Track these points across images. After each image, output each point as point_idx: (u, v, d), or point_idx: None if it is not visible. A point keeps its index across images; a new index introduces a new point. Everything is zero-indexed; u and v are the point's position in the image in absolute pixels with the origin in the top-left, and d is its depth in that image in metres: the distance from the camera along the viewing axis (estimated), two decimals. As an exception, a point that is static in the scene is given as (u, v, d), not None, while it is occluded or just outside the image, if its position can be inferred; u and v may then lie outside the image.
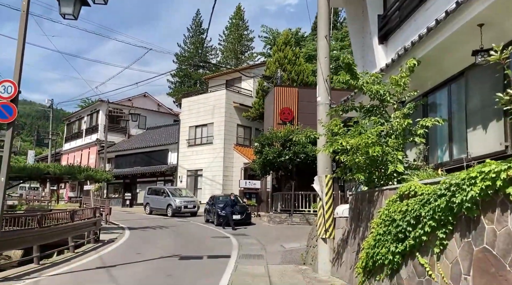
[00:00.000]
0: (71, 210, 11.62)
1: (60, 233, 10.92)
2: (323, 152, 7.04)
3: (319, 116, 8.87)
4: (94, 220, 13.22)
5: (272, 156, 18.90)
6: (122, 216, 25.97)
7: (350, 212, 8.16)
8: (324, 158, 8.63)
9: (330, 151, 6.71)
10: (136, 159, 35.48)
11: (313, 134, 7.35)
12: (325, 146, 6.99)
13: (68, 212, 11.52)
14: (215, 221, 20.10)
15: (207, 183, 28.55)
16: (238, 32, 55.78)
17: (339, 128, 7.02)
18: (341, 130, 6.99)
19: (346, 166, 7.22)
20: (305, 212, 19.39)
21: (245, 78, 30.81)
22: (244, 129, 29.72)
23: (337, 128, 7.03)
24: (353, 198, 8.07)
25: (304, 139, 7.35)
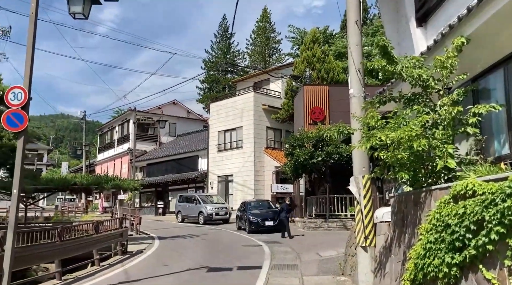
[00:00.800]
0: (95, 222, 11.14)
1: (84, 246, 10.45)
2: (358, 149, 6.14)
3: (352, 110, 7.98)
4: (121, 231, 12.74)
5: (304, 158, 18.00)
6: (154, 225, 25.68)
7: (393, 216, 7.22)
8: (360, 156, 7.72)
9: (367, 147, 5.81)
10: (167, 166, 35.32)
11: (347, 130, 6.48)
12: (361, 141, 6.11)
13: (92, 224, 11.05)
14: (247, 228, 19.37)
15: (238, 188, 27.89)
16: (265, 35, 55.22)
17: (377, 121, 6.12)
18: (379, 124, 6.08)
19: (386, 164, 6.30)
20: (342, 216, 18.36)
21: (273, 79, 30.05)
22: (274, 132, 28.93)
23: (374, 122, 6.13)
24: (396, 200, 7.12)
25: (337, 136, 6.49)
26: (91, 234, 10.87)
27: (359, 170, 7.92)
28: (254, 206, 20.89)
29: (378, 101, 6.57)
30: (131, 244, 15.69)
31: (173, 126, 40.84)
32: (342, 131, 6.55)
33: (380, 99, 6.67)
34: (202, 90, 52.77)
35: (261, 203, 21.56)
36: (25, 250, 8.08)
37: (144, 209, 36.90)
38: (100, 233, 11.31)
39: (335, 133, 6.56)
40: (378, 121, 6.10)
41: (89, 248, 10.67)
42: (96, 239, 11.01)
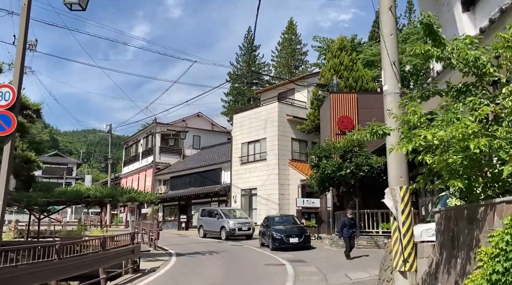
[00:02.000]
0: (101, 237, 10.24)
1: (88, 264, 9.52)
2: (397, 151, 4.96)
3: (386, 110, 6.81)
4: (132, 247, 11.80)
5: (331, 170, 16.72)
6: (174, 240, 24.76)
7: (438, 235, 5.96)
8: (397, 163, 6.52)
9: (409, 149, 4.63)
10: (191, 179, 34.54)
11: (382, 129, 5.31)
12: (399, 143, 4.93)
13: (98, 240, 10.14)
14: (270, 245, 18.14)
15: (262, 203, 26.71)
16: (291, 47, 54.45)
17: (420, 117, 4.94)
18: (423, 121, 4.90)
19: (432, 171, 5.10)
20: (373, 233, 16.91)
21: (298, 89, 28.98)
22: (299, 144, 27.72)
23: (416, 118, 4.95)
24: (442, 216, 5.87)
25: (369, 137, 5.32)
26: (97, 250, 9.94)
27: (396, 180, 6.69)
28: (278, 222, 19.66)
29: (419, 96, 5.38)
30: (146, 261, 14.76)
31: (197, 139, 40.20)
32: (376, 132, 5.36)
33: (422, 93, 5.48)
34: (227, 103, 52.21)
35: (286, 218, 20.30)
36: (14, 271, 7.20)
37: (167, 223, 36.18)
38: (108, 249, 10.39)
39: (368, 134, 5.39)
40: (421, 118, 4.92)
41: (94, 266, 9.74)
42: (103, 256, 10.08)
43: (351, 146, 17.29)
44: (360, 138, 5.46)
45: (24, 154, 14.60)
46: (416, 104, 5.08)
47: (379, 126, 5.40)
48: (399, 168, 6.65)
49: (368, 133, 5.40)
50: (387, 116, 6.32)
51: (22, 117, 16.36)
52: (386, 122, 6.39)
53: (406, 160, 6.59)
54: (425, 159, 4.67)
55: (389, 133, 5.44)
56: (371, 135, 5.39)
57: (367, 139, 5.42)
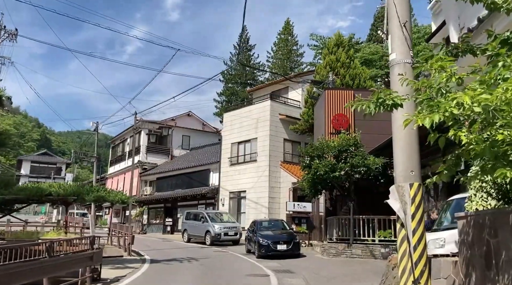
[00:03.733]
0: (48, 242, 8.60)
1: (28, 274, 7.85)
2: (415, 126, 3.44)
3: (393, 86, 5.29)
4: (90, 253, 10.15)
5: (324, 171, 15.16)
6: (155, 244, 23.07)
7: (463, 248, 4.43)
8: (407, 152, 4.98)
9: (436, 121, 3.09)
10: (177, 181, 32.88)
11: (391, 98, 3.76)
12: (419, 114, 3.37)
13: (44, 244, 8.50)
14: (256, 252, 16.53)
15: (251, 206, 25.10)
16: (287, 48, 53.02)
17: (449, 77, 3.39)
18: (455, 80, 3.35)
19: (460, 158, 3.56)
20: (368, 241, 15.34)
21: (293, 88, 27.49)
22: (292, 145, 26.18)
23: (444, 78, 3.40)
24: (469, 223, 4.33)
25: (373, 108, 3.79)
26: (41, 257, 8.30)
27: (405, 175, 5.13)
28: (265, 227, 18.08)
29: (446, 51, 3.84)
30: (113, 268, 13.10)
31: (186, 139, 38.59)
32: (383, 102, 3.81)
33: (448, 51, 3.94)
34: (220, 103, 50.62)
35: (274, 223, 18.72)
36: None
37: (152, 226, 34.48)
38: (56, 255, 8.75)
39: (371, 105, 3.84)
40: (453, 78, 3.37)
41: (36, 276, 8.08)
42: (48, 264, 8.43)
43: (346, 145, 15.77)
44: (360, 109, 3.90)
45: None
46: (444, 57, 3.52)
47: (388, 94, 3.83)
48: (409, 158, 5.10)
49: (372, 103, 3.84)
50: (396, 84, 4.77)
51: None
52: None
53: (417, 148, 5.06)
54: (459, 137, 3.13)
55: (401, 104, 3.87)
56: (376, 107, 3.83)
57: (370, 112, 3.86)
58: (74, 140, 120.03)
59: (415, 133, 4.99)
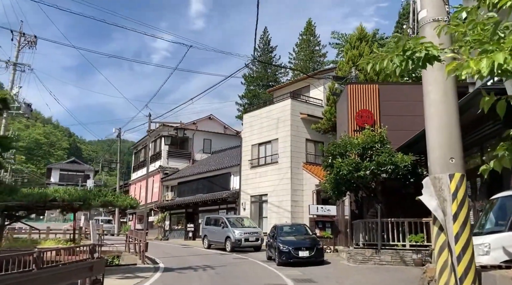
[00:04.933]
0: (36, 252, 7.75)
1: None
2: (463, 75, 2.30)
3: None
4: (89, 262, 9.28)
5: (347, 170, 13.93)
6: (174, 251, 22.26)
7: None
8: (443, 129, 3.85)
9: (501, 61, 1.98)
10: (198, 185, 32.10)
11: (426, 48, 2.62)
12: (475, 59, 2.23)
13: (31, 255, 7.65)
14: (277, 259, 15.41)
15: (273, 210, 23.98)
16: (309, 49, 51.80)
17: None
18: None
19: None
20: (398, 246, 13.98)
21: (315, 85, 26.33)
22: (314, 145, 24.95)
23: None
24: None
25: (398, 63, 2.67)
26: (28, 269, 7.45)
27: (442, 163, 3.97)
28: (286, 232, 16.94)
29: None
30: (122, 278, 12.30)
31: (208, 143, 37.87)
32: (412, 55, 2.69)
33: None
34: (241, 106, 49.79)
35: (296, 228, 17.55)
36: None
37: (174, 232, 33.79)
38: (45, 267, 7.89)
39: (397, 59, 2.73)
40: None
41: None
42: (38, 277, 7.57)
43: (371, 142, 14.49)
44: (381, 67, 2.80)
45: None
46: None
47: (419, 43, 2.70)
48: (447, 141, 3.94)
49: (397, 57, 2.73)
50: (427, 30, 3.62)
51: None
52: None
53: (458, 127, 3.90)
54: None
55: (438, 56, 2.73)
56: (402, 62, 2.71)
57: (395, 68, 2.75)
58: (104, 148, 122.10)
59: (455, 107, 3.85)
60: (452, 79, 4.01)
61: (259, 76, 48.82)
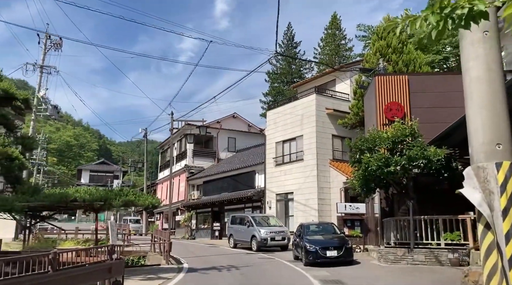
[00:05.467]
0: (51, 252, 7.51)
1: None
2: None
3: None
4: (108, 264, 9.01)
5: (376, 165, 13.23)
6: (200, 250, 22.02)
7: None
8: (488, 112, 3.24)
9: None
10: (223, 184, 31.85)
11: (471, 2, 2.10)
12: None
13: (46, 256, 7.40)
14: (303, 259, 14.86)
15: (300, 209, 23.40)
16: (334, 43, 50.82)
17: None
18: None
19: None
20: (432, 245, 13.20)
21: (341, 79, 25.56)
22: (341, 141, 24.18)
23: None
24: None
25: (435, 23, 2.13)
26: (44, 271, 7.20)
27: (487, 150, 3.44)
28: (313, 231, 16.37)
29: None
30: (144, 279, 12.03)
31: (232, 141, 37.60)
32: (453, 11, 2.13)
33: None
34: (265, 103, 49.32)
35: (323, 227, 16.94)
36: None
37: (201, 231, 33.67)
38: (62, 269, 7.64)
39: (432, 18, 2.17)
40: None
41: (38, 292, 7.00)
42: (54, 279, 7.33)
43: (401, 136, 13.74)
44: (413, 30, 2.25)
45: (5, 150, 12.33)
46: None
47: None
48: (492, 125, 3.33)
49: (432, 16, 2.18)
50: None
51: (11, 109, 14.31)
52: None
53: (506, 108, 3.30)
54: None
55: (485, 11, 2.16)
56: (440, 21, 2.16)
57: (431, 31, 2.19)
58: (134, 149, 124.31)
59: (501, 84, 3.25)
60: (496, 53, 3.40)
61: (283, 73, 48.21)
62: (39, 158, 65.72)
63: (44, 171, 74.95)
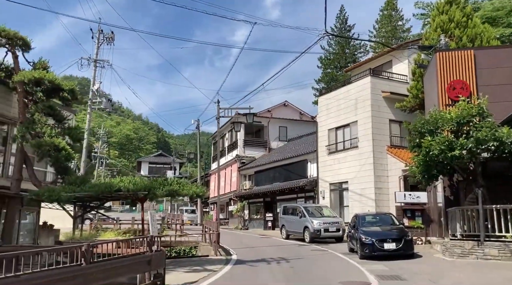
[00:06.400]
0: (84, 244, 7.14)
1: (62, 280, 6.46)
2: None
3: None
4: (147, 256, 8.58)
5: (439, 149, 11.88)
6: (251, 241, 21.58)
7: None
8: None
9: None
10: (275, 173, 31.16)
11: None
12: None
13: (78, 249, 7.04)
14: (359, 251, 13.84)
15: (355, 199, 22.18)
16: (391, 24, 48.21)
17: None
18: None
19: None
20: (507, 238, 11.70)
21: (397, 59, 23.87)
22: (399, 126, 22.55)
23: None
24: None
25: None
26: (76, 264, 6.84)
27: None
28: (369, 221, 15.26)
29: None
30: (190, 271, 11.66)
31: (283, 130, 36.73)
32: None
33: None
34: (318, 91, 47.86)
35: (380, 217, 15.76)
36: None
37: (254, 222, 33.30)
38: (96, 261, 7.26)
39: None
40: None
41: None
42: (88, 272, 6.96)
43: (468, 116, 12.26)
44: None
45: (51, 141, 12.36)
46: None
47: None
48: None
49: None
50: None
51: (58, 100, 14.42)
52: None
53: None
54: None
55: None
56: None
57: None
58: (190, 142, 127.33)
59: None
60: None
61: (336, 58, 46.45)
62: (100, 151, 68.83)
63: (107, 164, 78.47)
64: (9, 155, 14.05)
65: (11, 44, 13.24)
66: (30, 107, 13.26)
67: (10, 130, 13.97)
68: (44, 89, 13.85)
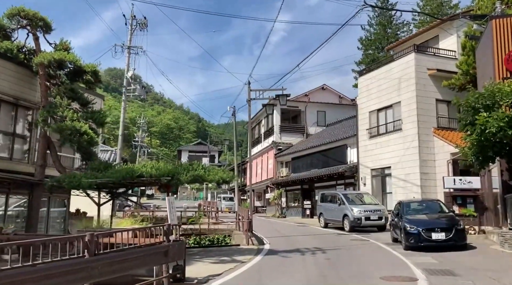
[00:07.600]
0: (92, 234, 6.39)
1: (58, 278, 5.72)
2: None
3: None
4: (164, 247, 7.77)
5: (497, 127, 10.33)
6: (287, 230, 20.64)
7: None
8: None
9: None
10: (313, 160, 29.91)
11: None
12: None
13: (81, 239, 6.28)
14: (403, 242, 12.53)
15: (399, 185, 20.64)
16: (436, 1, 45.23)
17: None
18: None
19: None
20: None
21: (445, 31, 21.86)
22: (447, 106, 20.68)
23: None
24: None
25: None
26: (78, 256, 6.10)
27: None
28: (414, 209, 13.89)
29: None
30: (217, 262, 10.87)
31: (321, 115, 35.25)
32: None
33: None
34: (358, 73, 45.79)
35: (426, 204, 14.33)
36: None
37: (291, 210, 32.30)
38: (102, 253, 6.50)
39: None
40: None
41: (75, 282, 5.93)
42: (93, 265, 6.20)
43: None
44: None
45: (72, 125, 11.82)
46: None
47: None
48: None
49: None
50: None
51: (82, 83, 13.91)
52: None
53: None
54: None
55: None
56: None
57: None
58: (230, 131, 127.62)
59: None
60: None
61: (377, 38, 44.10)
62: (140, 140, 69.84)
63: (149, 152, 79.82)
64: (34, 141, 13.70)
65: (31, 25, 12.77)
66: (52, 90, 12.79)
67: (35, 115, 13.58)
68: (67, 72, 13.37)
